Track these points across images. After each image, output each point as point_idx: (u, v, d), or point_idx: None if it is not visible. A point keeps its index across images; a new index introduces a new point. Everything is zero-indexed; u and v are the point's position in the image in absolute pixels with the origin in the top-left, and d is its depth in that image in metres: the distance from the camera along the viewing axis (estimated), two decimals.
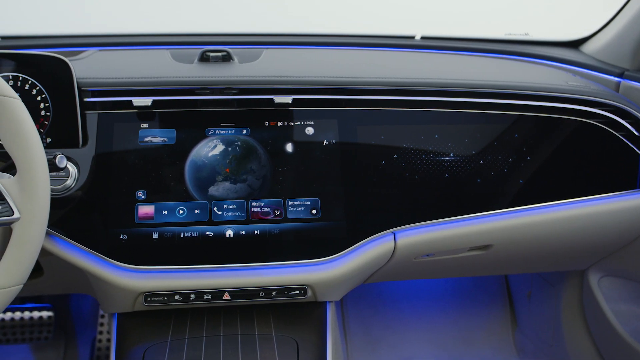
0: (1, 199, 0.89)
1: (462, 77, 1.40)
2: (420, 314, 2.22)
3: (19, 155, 0.90)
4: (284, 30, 1.73)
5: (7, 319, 1.95)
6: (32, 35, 1.69)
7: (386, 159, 1.29)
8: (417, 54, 1.72)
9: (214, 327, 1.22)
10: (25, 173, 0.90)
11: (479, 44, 1.80)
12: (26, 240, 0.89)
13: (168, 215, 1.18)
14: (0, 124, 0.89)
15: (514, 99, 1.36)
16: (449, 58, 1.72)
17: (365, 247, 1.22)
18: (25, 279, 0.90)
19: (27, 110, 0.94)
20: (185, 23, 1.83)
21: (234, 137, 1.24)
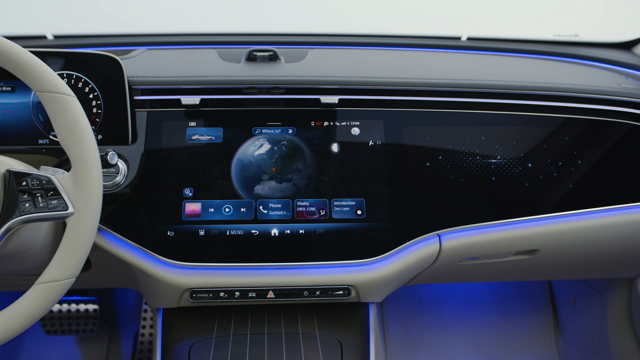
0: (56, 194, 0.91)
1: (510, 79, 1.38)
2: (460, 317, 2.19)
3: (74, 151, 0.92)
4: (330, 31, 1.73)
5: (55, 311, 2.00)
6: (83, 35, 1.73)
7: (431, 160, 1.28)
8: (463, 55, 1.70)
9: (258, 325, 1.23)
10: (80, 169, 0.92)
11: (527, 45, 1.76)
12: (79, 234, 0.91)
13: (214, 213, 1.20)
14: (57, 120, 0.92)
15: (564, 102, 1.34)
16: (496, 59, 1.69)
17: (410, 249, 1.22)
18: (78, 272, 0.92)
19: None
20: (232, 23, 1.84)
21: (280, 136, 1.25)
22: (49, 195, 0.91)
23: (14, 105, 1.23)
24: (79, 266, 0.92)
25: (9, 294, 1.97)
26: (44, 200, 0.90)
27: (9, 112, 1.23)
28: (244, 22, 1.87)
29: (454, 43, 1.77)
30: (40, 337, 2.06)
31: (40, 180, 0.92)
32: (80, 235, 0.91)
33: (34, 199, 0.90)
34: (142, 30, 1.72)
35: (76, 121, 0.92)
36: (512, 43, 1.79)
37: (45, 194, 0.91)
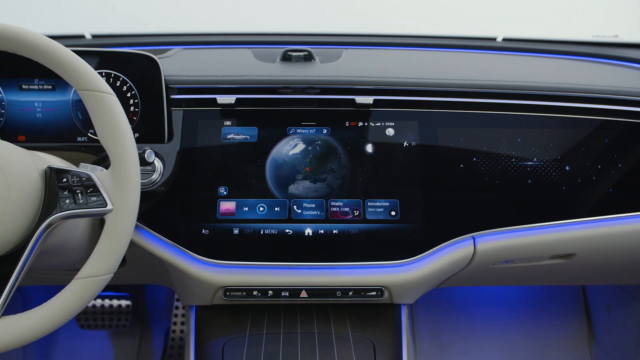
0: (96, 191, 0.92)
1: (547, 80, 1.36)
2: (491, 321, 2.17)
3: (113, 149, 0.93)
4: (364, 31, 1.72)
5: (89, 306, 2.03)
6: (120, 34, 1.75)
7: (466, 162, 1.26)
8: (498, 56, 1.69)
9: (291, 324, 1.23)
10: (119, 166, 0.93)
11: (564, 47, 1.74)
12: (118, 231, 0.92)
13: (248, 212, 1.20)
14: (97, 118, 0.93)
15: (603, 104, 1.31)
16: (532, 61, 1.67)
17: (444, 251, 1.21)
18: (116, 268, 0.94)
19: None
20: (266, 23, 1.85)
21: (314, 136, 1.25)
22: (89, 192, 0.92)
23: (54, 104, 1.25)
24: (117, 262, 0.94)
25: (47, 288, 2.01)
26: (84, 197, 0.92)
27: (50, 110, 1.25)
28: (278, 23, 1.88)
29: (489, 44, 1.75)
30: (74, 331, 2.10)
31: (80, 177, 0.93)
32: (119, 232, 0.93)
33: (74, 195, 0.92)
34: (177, 30, 1.74)
35: (116, 119, 0.93)
36: (549, 44, 1.76)
37: (85, 191, 0.92)
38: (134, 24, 1.91)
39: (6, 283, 0.89)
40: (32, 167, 0.92)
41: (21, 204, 0.88)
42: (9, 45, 0.91)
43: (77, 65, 0.93)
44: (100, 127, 0.93)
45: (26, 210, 0.89)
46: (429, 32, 1.77)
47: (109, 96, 0.93)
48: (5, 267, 0.90)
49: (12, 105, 1.25)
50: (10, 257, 0.90)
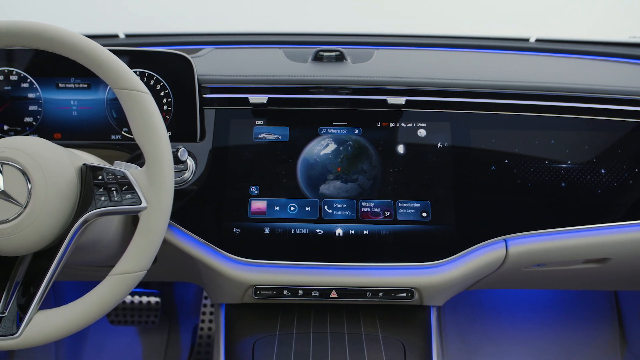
0: (130, 189, 0.93)
1: (581, 82, 1.34)
2: (520, 325, 2.14)
3: (148, 147, 0.94)
4: (396, 31, 1.72)
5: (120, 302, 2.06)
6: (153, 34, 1.77)
7: (498, 164, 1.25)
8: (531, 57, 1.67)
9: (321, 324, 1.23)
10: (153, 165, 0.94)
11: (599, 47, 1.71)
12: (152, 229, 0.93)
13: (279, 212, 1.21)
14: (133, 117, 0.94)
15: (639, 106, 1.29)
16: (566, 62, 1.65)
17: (476, 253, 1.20)
18: (149, 265, 0.95)
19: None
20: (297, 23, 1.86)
21: (346, 136, 1.25)
22: (124, 190, 0.93)
23: (90, 102, 1.27)
24: (151, 259, 0.95)
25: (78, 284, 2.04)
26: (119, 195, 0.93)
27: (85, 109, 1.27)
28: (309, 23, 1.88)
29: (522, 44, 1.73)
30: (104, 327, 2.12)
31: (115, 175, 0.95)
32: (152, 229, 0.94)
33: (109, 192, 0.93)
34: (209, 30, 1.75)
35: (151, 118, 0.94)
36: (584, 45, 1.74)
37: (120, 188, 0.93)
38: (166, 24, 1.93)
39: (43, 278, 0.90)
40: (69, 165, 0.94)
41: (58, 200, 0.89)
42: (48, 45, 0.92)
43: (114, 64, 0.94)
44: (135, 126, 0.94)
45: (63, 207, 0.90)
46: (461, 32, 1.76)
47: (144, 95, 0.95)
48: (43, 262, 0.92)
49: (49, 104, 1.27)
50: (47, 252, 0.92)
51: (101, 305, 0.92)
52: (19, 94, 1.27)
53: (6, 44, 0.93)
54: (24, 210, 0.87)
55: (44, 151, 0.91)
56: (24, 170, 0.88)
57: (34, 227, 0.88)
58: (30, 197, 0.87)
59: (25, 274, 0.94)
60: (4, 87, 1.26)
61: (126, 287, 0.93)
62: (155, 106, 0.96)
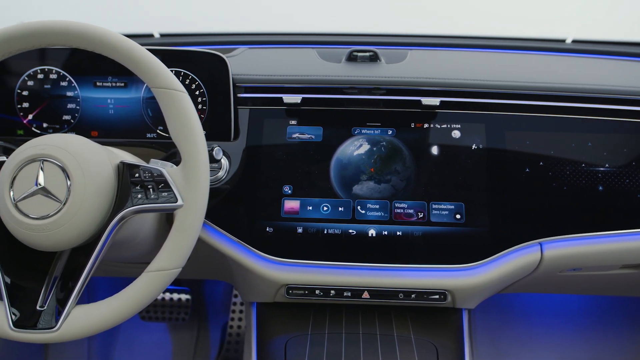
0: (167, 187, 0.94)
1: (619, 84, 1.32)
2: (552, 330, 2.11)
3: (184, 146, 0.95)
4: (429, 32, 1.71)
5: None
6: (187, 33, 1.79)
7: (533, 166, 1.24)
8: (568, 58, 1.64)
9: (353, 324, 1.23)
10: (189, 163, 0.95)
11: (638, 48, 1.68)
12: (187, 227, 0.94)
13: (312, 211, 1.21)
14: (170, 116, 0.95)
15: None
16: (604, 63, 1.62)
17: (510, 256, 1.19)
18: (184, 263, 0.96)
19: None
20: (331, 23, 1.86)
21: (379, 137, 1.25)
22: (160, 188, 0.94)
23: (126, 100, 1.29)
24: (186, 257, 0.95)
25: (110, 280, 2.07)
26: (155, 193, 0.94)
27: (122, 107, 1.29)
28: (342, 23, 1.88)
29: (558, 46, 1.71)
30: (135, 323, 2.15)
31: (152, 173, 0.96)
32: (188, 227, 0.94)
33: (145, 190, 0.94)
34: (243, 30, 1.76)
35: (188, 117, 0.95)
36: (621, 46, 1.70)
37: (157, 186, 0.94)
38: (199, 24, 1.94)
39: (81, 273, 0.92)
40: (107, 162, 0.95)
41: (96, 197, 0.91)
42: (89, 44, 0.94)
43: (152, 63, 0.95)
44: (172, 124, 0.95)
45: (101, 204, 0.92)
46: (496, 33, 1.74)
47: (181, 94, 0.95)
48: (80, 258, 0.93)
49: (87, 102, 1.29)
50: (85, 248, 0.94)
51: (137, 301, 0.93)
52: (57, 92, 1.29)
53: (48, 43, 0.95)
54: (63, 207, 0.89)
55: (83, 149, 0.93)
56: (64, 167, 0.90)
57: (73, 224, 0.89)
58: (70, 193, 0.89)
59: (64, 269, 0.95)
60: (44, 86, 1.29)
61: (161, 284, 0.94)
62: (192, 105, 0.97)
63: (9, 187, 0.89)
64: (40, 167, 0.90)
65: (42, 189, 0.89)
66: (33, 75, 1.29)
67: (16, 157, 0.91)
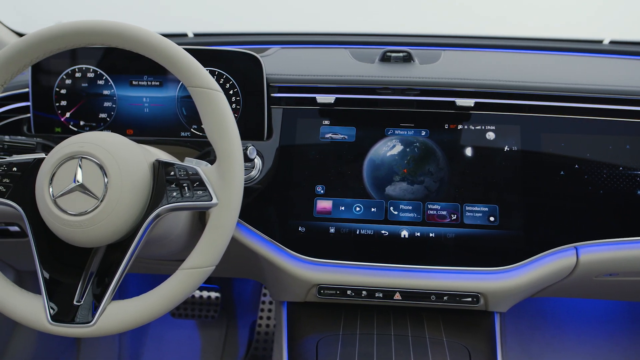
0: (202, 185, 0.95)
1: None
2: (584, 336, 2.07)
3: (220, 145, 0.95)
4: (463, 32, 1.69)
5: None
6: (221, 33, 1.80)
7: (569, 169, 1.22)
8: (605, 59, 1.61)
9: (384, 325, 1.22)
10: (224, 162, 0.95)
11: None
12: (221, 225, 0.95)
13: (345, 212, 1.21)
14: (206, 115, 0.96)
15: None
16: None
17: (544, 260, 1.17)
18: (218, 261, 0.96)
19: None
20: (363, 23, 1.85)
21: (412, 138, 1.24)
22: (195, 186, 0.95)
23: (161, 99, 1.30)
24: (220, 255, 0.96)
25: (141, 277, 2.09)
26: (190, 191, 0.94)
27: (157, 106, 1.30)
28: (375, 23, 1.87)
29: (595, 47, 1.68)
30: (165, 319, 2.17)
31: (187, 171, 0.96)
32: (222, 225, 0.95)
33: (180, 188, 0.95)
34: (276, 30, 1.77)
35: (223, 116, 0.95)
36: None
37: (192, 185, 0.95)
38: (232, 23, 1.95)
39: (117, 269, 0.93)
40: (143, 160, 0.96)
41: (132, 194, 0.92)
42: (127, 43, 0.95)
43: (189, 63, 0.96)
44: (208, 123, 0.96)
45: (137, 201, 0.93)
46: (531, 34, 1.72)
47: (217, 93, 0.96)
48: (116, 254, 0.95)
49: (123, 100, 1.31)
50: (121, 245, 0.95)
51: (171, 298, 0.94)
52: (94, 91, 1.31)
53: (88, 43, 0.96)
54: (100, 204, 0.90)
55: (120, 147, 0.94)
56: (102, 164, 0.91)
57: (109, 220, 0.90)
58: (107, 191, 0.90)
59: (100, 265, 0.97)
60: (81, 84, 1.31)
61: (195, 282, 0.94)
62: (227, 104, 0.97)
63: (48, 183, 0.91)
64: (79, 164, 0.91)
65: (80, 186, 0.90)
66: (71, 74, 1.31)
67: (55, 155, 0.92)
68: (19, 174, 0.97)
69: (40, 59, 0.99)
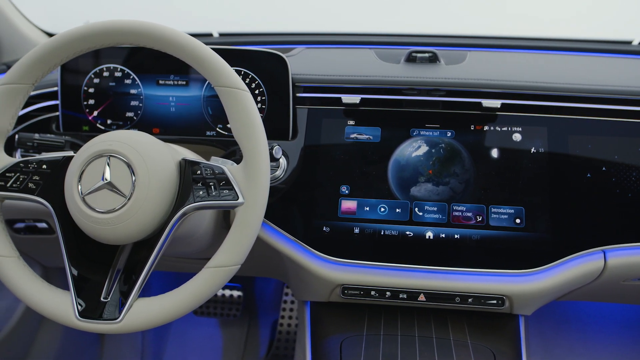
0: (228, 184, 0.95)
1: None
2: (609, 340, 2.04)
3: (247, 144, 0.96)
4: (489, 33, 1.68)
5: None
6: (246, 33, 1.81)
7: (596, 172, 1.20)
8: (634, 60, 1.59)
9: (408, 327, 1.22)
10: (251, 161, 0.96)
11: None
12: (247, 224, 0.95)
13: (369, 212, 1.21)
14: (233, 114, 0.96)
15: None
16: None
17: (571, 263, 1.16)
18: (243, 260, 0.96)
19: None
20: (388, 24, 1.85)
21: (438, 138, 1.23)
22: (221, 185, 0.95)
23: (187, 99, 1.31)
24: (245, 254, 0.96)
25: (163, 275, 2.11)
26: (217, 190, 0.95)
27: (183, 105, 1.31)
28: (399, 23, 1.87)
29: (624, 47, 1.65)
30: (187, 317, 2.18)
31: (213, 170, 0.97)
32: (248, 225, 0.95)
33: (207, 187, 0.95)
34: (301, 30, 1.77)
35: (250, 116, 0.96)
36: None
37: (218, 184, 0.95)
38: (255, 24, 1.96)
39: (143, 267, 0.94)
40: (169, 159, 0.97)
41: (160, 193, 0.92)
42: (155, 43, 0.96)
43: (216, 62, 0.96)
44: (235, 123, 0.96)
45: (163, 199, 0.93)
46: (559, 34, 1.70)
47: (244, 93, 0.96)
48: (142, 252, 0.95)
49: (149, 100, 1.32)
50: (147, 242, 0.96)
51: (197, 296, 0.94)
52: (122, 89, 1.32)
53: (117, 42, 0.97)
54: (127, 202, 0.91)
55: (147, 145, 0.95)
56: (129, 163, 0.92)
57: (137, 218, 0.91)
58: (134, 189, 0.91)
59: (126, 262, 0.97)
60: (109, 83, 1.32)
61: (221, 280, 0.95)
62: (254, 104, 0.97)
63: (77, 181, 0.92)
64: (107, 162, 0.92)
65: (108, 184, 0.91)
66: (99, 73, 1.32)
67: (84, 153, 0.93)
68: (48, 172, 0.98)
69: (69, 59, 1.00)
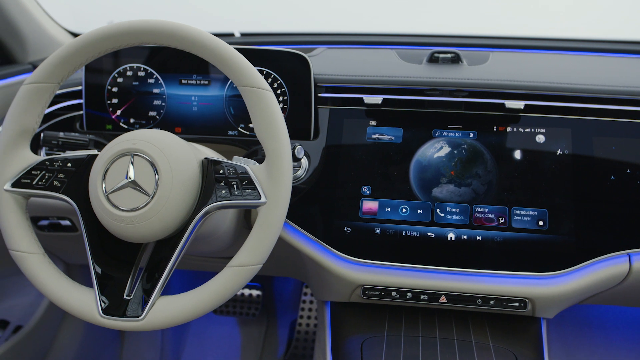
0: (250, 184, 0.96)
1: None
2: (632, 346, 2.02)
3: (269, 144, 0.96)
4: (512, 34, 1.67)
5: None
6: (267, 33, 1.81)
7: (622, 174, 1.19)
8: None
9: (429, 328, 1.21)
10: (273, 161, 0.96)
11: None
12: (270, 224, 0.95)
13: (391, 213, 1.20)
14: (256, 113, 0.96)
15: None
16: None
17: (595, 267, 1.14)
18: (265, 259, 0.97)
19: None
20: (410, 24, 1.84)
21: (460, 139, 1.23)
22: (244, 185, 0.95)
23: (210, 98, 1.32)
24: (267, 253, 0.96)
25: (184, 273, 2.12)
26: (239, 189, 0.95)
27: (205, 104, 1.32)
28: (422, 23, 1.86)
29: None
30: (207, 316, 2.20)
31: (236, 170, 0.97)
32: (270, 224, 0.95)
33: (229, 186, 0.96)
34: (322, 30, 1.77)
35: (273, 115, 0.96)
36: None
37: (240, 183, 0.96)
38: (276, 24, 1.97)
39: (166, 265, 0.94)
40: (192, 158, 0.97)
41: (182, 191, 0.93)
42: (179, 43, 0.96)
43: (240, 62, 0.96)
44: (257, 122, 0.96)
45: (186, 198, 0.94)
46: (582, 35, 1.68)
47: (267, 93, 0.96)
48: (165, 251, 0.96)
49: (172, 99, 1.33)
50: (170, 241, 0.96)
51: (219, 295, 0.95)
52: (145, 89, 1.33)
53: (141, 42, 0.98)
54: (151, 200, 0.91)
55: (171, 144, 0.95)
56: (153, 161, 0.92)
57: (160, 217, 0.91)
58: (158, 187, 0.91)
59: (149, 260, 0.98)
60: (132, 83, 1.33)
61: (243, 279, 0.95)
62: (277, 104, 0.97)
63: (101, 179, 0.93)
64: (131, 161, 0.93)
65: (131, 182, 0.92)
66: (122, 72, 1.34)
67: (108, 151, 0.94)
68: (73, 170, 0.99)
69: (94, 58, 1.01)
